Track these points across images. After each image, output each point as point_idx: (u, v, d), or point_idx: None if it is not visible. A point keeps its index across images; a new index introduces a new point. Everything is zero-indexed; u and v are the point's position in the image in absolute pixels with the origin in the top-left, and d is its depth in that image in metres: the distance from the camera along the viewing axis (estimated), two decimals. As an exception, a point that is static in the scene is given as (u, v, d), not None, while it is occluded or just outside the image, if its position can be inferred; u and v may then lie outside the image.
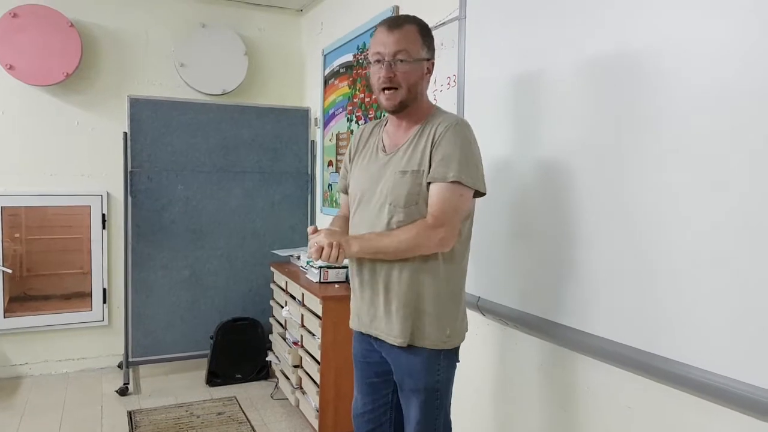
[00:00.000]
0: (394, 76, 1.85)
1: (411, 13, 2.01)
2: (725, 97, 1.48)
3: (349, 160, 2.14)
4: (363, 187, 1.99)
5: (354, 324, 2.07)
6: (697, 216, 1.54)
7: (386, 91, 1.87)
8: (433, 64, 1.95)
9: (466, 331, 1.99)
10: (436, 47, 1.99)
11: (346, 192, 2.16)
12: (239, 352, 4.20)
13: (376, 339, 1.97)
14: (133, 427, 3.44)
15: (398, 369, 1.95)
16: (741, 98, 1.44)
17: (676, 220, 1.60)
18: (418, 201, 1.84)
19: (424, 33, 1.91)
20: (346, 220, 2.11)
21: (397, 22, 1.89)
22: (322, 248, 1.77)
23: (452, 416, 2.00)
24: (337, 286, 3.30)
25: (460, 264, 1.95)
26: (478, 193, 1.90)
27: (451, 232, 1.82)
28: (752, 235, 1.41)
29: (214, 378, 4.14)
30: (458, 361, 1.99)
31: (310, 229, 1.85)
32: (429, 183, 1.83)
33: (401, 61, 1.84)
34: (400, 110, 1.90)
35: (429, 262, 1.86)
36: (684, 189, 1.58)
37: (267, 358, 4.12)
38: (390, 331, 1.90)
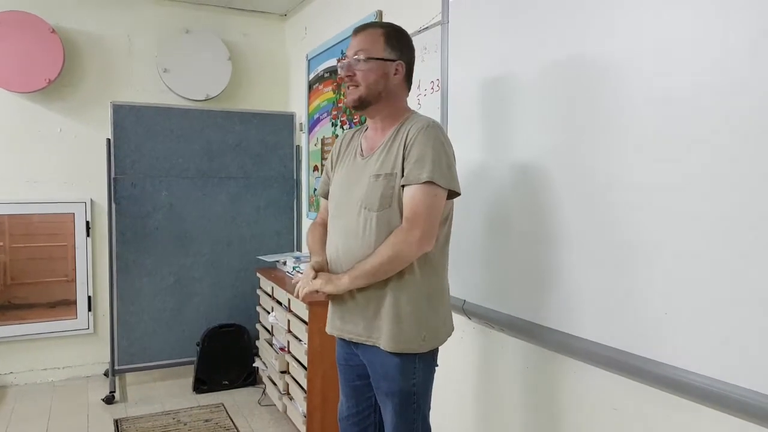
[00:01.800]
0: (354, 75, 1.92)
1: (394, 18, 2.04)
2: (691, 98, 1.50)
3: (332, 166, 2.15)
4: (341, 191, 2.01)
5: (328, 328, 2.07)
6: (683, 215, 1.56)
7: (349, 88, 1.95)
8: (403, 65, 1.96)
9: (449, 335, 1.99)
10: (419, 52, 2.00)
11: (326, 197, 2.17)
12: (226, 358, 4.19)
13: (354, 342, 1.98)
14: (120, 435, 3.43)
15: (374, 372, 1.96)
16: (707, 98, 1.46)
17: (659, 220, 1.61)
18: (392, 203, 1.86)
19: (389, 35, 1.95)
20: (325, 227, 2.11)
21: (362, 27, 1.99)
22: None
23: (436, 419, 2.00)
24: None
25: (436, 268, 1.95)
26: (454, 194, 1.91)
27: (429, 232, 1.82)
28: (740, 233, 1.42)
29: (201, 385, 4.12)
30: (437, 366, 1.99)
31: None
32: (403, 186, 1.84)
33: (358, 60, 1.91)
34: (361, 107, 1.95)
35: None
36: (668, 188, 1.59)
37: (254, 364, 4.11)
38: (362, 332, 1.92)
